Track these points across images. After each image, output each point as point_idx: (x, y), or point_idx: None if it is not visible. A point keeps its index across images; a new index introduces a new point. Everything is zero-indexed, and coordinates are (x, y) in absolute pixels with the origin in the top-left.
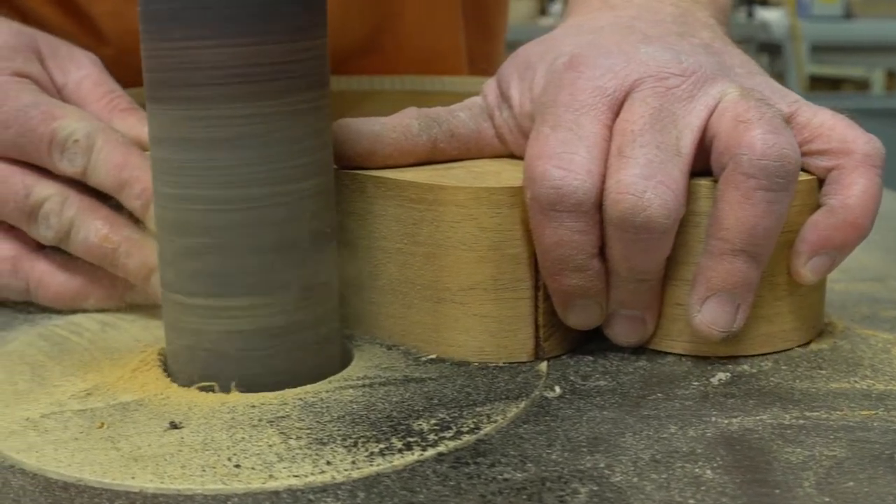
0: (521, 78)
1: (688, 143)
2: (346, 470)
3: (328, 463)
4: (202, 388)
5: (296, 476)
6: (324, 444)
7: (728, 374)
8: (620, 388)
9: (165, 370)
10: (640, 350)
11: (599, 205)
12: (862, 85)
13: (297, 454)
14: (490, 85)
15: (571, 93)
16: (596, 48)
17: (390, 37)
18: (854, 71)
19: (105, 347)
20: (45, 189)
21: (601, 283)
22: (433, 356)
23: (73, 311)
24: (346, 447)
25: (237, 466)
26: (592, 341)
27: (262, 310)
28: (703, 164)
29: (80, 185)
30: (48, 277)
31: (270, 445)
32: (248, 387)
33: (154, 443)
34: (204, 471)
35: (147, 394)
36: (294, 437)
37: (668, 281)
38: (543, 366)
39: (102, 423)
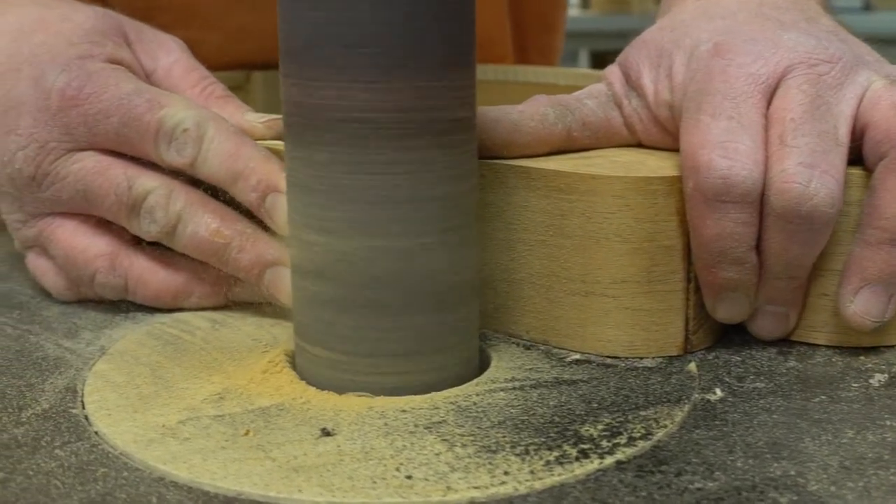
0: (654, 66)
1: (844, 131)
2: (526, 480)
3: (505, 473)
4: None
5: (475, 488)
6: (493, 451)
7: (885, 374)
8: (780, 389)
9: (297, 371)
10: (786, 347)
11: (761, 195)
12: None
13: (469, 463)
14: (614, 73)
15: (725, 80)
16: (738, 34)
17: None
18: None
19: (221, 347)
20: (148, 181)
21: (755, 277)
22: (577, 356)
23: (173, 309)
24: (517, 455)
25: (409, 478)
26: (730, 335)
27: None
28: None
29: (184, 177)
30: (149, 274)
31: (437, 454)
32: (394, 390)
33: (310, 452)
34: (374, 482)
35: (285, 398)
36: (459, 444)
37: (814, 271)
38: (693, 366)
39: (248, 431)
